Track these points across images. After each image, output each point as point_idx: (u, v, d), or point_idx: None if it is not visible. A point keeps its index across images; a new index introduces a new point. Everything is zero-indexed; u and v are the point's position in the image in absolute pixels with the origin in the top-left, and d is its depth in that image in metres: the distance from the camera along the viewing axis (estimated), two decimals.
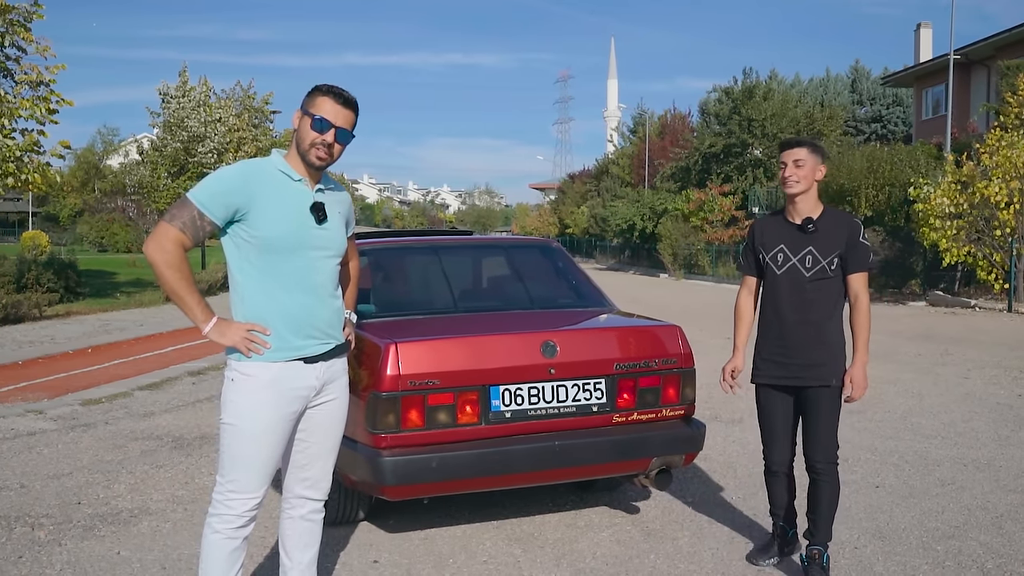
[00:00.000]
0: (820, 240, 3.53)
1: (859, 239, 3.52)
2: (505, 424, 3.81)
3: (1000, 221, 16.78)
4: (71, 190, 53.69)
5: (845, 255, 3.51)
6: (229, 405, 2.79)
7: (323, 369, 2.88)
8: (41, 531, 4.27)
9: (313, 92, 2.83)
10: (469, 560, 3.89)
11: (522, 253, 5.32)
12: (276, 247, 2.76)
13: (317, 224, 2.82)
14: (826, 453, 3.56)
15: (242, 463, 2.78)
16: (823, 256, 3.52)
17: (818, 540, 3.59)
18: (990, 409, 7.15)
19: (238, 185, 2.74)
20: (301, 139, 2.80)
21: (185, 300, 2.73)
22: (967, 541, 4.06)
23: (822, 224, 3.54)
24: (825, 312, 3.55)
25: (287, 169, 2.83)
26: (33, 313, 14.50)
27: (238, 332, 2.74)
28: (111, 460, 5.63)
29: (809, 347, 3.54)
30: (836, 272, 3.53)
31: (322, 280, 2.86)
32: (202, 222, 2.72)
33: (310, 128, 2.78)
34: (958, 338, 12.25)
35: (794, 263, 3.56)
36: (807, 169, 3.52)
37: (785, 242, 3.59)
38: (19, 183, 14.75)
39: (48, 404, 7.42)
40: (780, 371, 3.60)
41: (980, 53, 29.19)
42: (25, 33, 14.53)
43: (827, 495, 3.57)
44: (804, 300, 3.54)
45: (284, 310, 2.78)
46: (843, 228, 3.54)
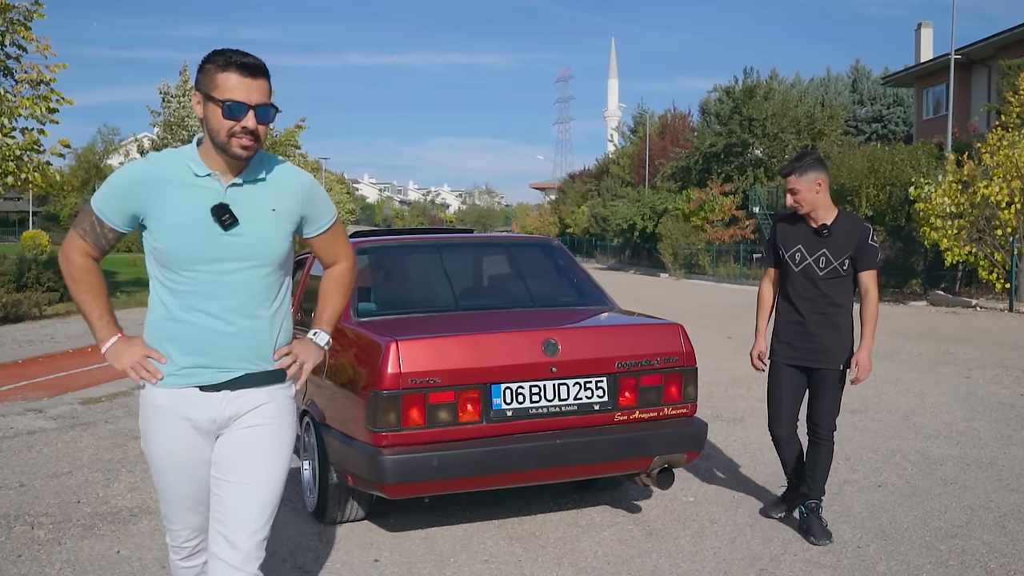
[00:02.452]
0: (833, 243, 3.97)
1: (868, 241, 3.96)
2: (506, 423, 3.80)
3: (1001, 221, 16.76)
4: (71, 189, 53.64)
5: (855, 256, 3.96)
6: (142, 430, 2.46)
7: (230, 399, 2.35)
8: (41, 530, 4.26)
9: (208, 68, 2.25)
10: (470, 559, 3.87)
11: (523, 251, 5.30)
12: (171, 260, 2.28)
13: (224, 230, 2.27)
14: (829, 422, 4.06)
15: (159, 491, 2.49)
16: (835, 258, 3.97)
17: (815, 494, 4.08)
18: (992, 408, 7.14)
19: (129, 189, 2.29)
20: (214, 131, 2.24)
21: (85, 314, 2.39)
22: (970, 540, 4.04)
23: (836, 228, 3.99)
24: (836, 305, 4.01)
25: (194, 163, 2.30)
26: (33, 312, 14.51)
27: (132, 357, 2.34)
28: (111, 459, 5.62)
29: (821, 335, 4.01)
30: (848, 271, 3.99)
31: (237, 299, 2.31)
32: (102, 229, 2.33)
33: (222, 117, 2.22)
34: (959, 338, 12.23)
35: (809, 263, 4.01)
36: (804, 192, 3.95)
37: (802, 243, 4.04)
38: (19, 182, 14.75)
39: (48, 403, 7.42)
40: (794, 352, 4.08)
41: (981, 53, 29.16)
42: (25, 32, 14.53)
43: (824, 457, 4.08)
44: (818, 294, 4.01)
45: (179, 331, 2.31)
46: (854, 232, 3.98)
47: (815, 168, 3.94)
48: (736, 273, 31.59)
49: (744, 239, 33.95)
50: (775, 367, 4.17)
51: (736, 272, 31.67)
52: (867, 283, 3.98)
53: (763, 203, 35.64)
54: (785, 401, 4.14)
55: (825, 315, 4.00)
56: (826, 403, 4.04)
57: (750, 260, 32.26)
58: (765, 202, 35.82)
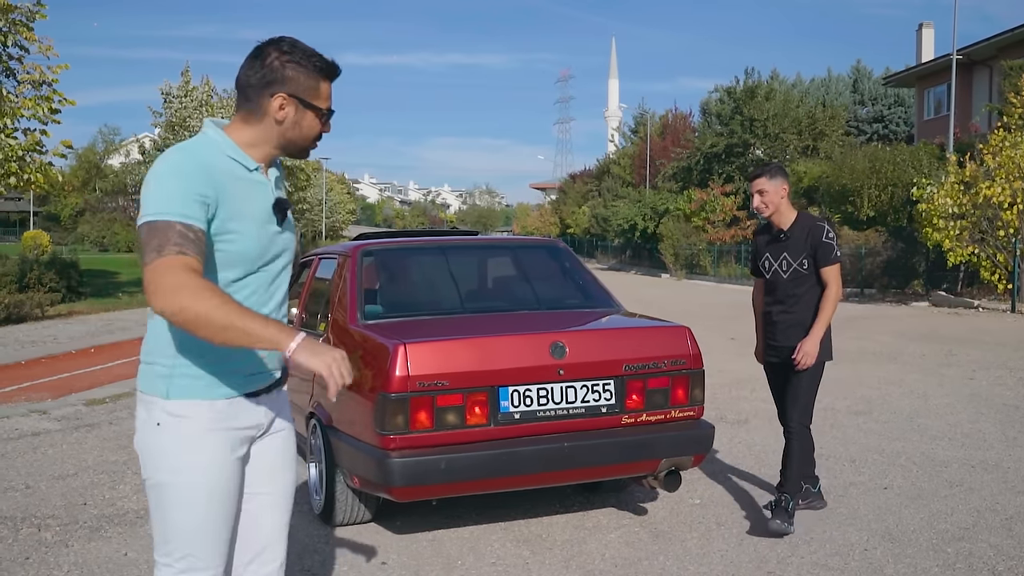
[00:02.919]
0: (791, 245, 4.23)
1: (822, 239, 4.17)
2: (514, 425, 3.80)
3: (1003, 221, 16.76)
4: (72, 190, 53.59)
5: (812, 254, 4.17)
6: (160, 458, 2.06)
7: (270, 403, 2.22)
8: (47, 532, 4.26)
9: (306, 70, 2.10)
10: (477, 561, 3.87)
11: (529, 254, 5.30)
12: (242, 261, 2.08)
13: (279, 227, 2.17)
14: (801, 416, 4.18)
15: (194, 531, 2.07)
16: (794, 259, 4.22)
17: (786, 489, 4.15)
18: (996, 410, 7.13)
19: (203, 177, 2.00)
20: (305, 136, 2.15)
21: (246, 326, 1.90)
22: (977, 543, 4.04)
23: (793, 232, 4.24)
24: (804, 305, 4.22)
25: (240, 156, 2.11)
26: (35, 313, 14.52)
27: (333, 354, 1.95)
28: (116, 460, 5.62)
29: (792, 334, 4.21)
30: (809, 270, 4.20)
31: (280, 296, 2.22)
32: (196, 234, 1.95)
33: (319, 123, 2.16)
34: (962, 339, 12.23)
35: (775, 267, 4.29)
36: (770, 195, 4.23)
37: (769, 250, 4.34)
38: (21, 182, 14.75)
39: (52, 404, 7.42)
40: (774, 353, 4.35)
41: (982, 53, 29.15)
42: (28, 33, 14.54)
43: (794, 450, 4.17)
44: (787, 296, 4.25)
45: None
46: (807, 232, 4.21)
47: (781, 175, 4.26)
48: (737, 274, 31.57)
49: (745, 239, 33.90)
50: (765, 367, 4.50)
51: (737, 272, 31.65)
52: (827, 278, 4.17)
53: None
54: (777, 396, 4.46)
55: (793, 314, 4.22)
56: (799, 397, 4.19)
57: None
58: None
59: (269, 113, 2.11)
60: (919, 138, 31.68)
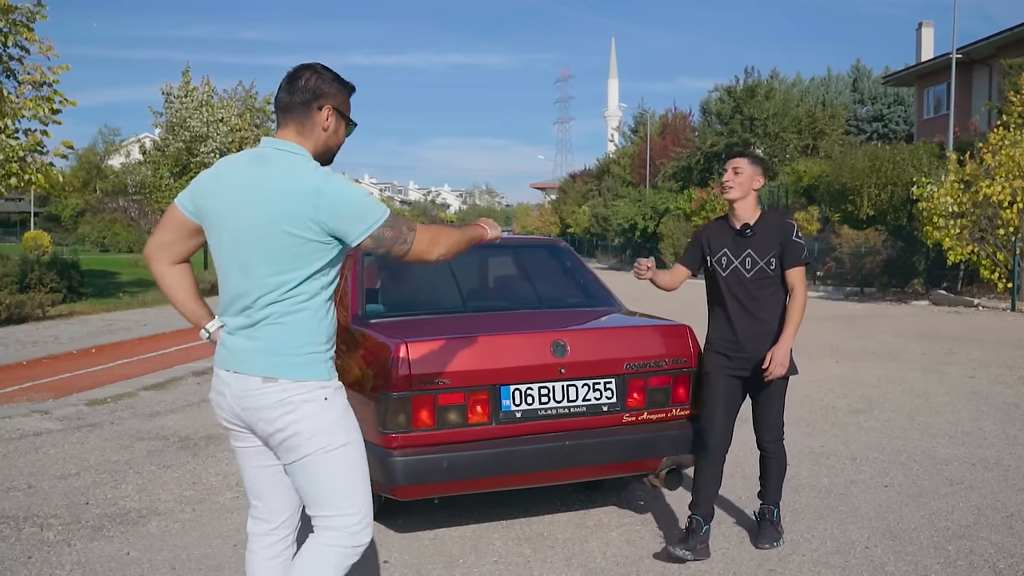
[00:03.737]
0: (757, 243, 3.87)
1: (792, 238, 3.85)
2: (515, 424, 3.81)
3: (1003, 220, 16.76)
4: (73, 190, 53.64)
5: (781, 253, 3.85)
6: (342, 423, 2.47)
7: None
8: (50, 531, 4.26)
9: (342, 87, 2.53)
10: (479, 560, 3.88)
11: (530, 253, 5.30)
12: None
13: None
14: (774, 433, 3.98)
15: (368, 481, 2.55)
16: (760, 258, 3.86)
17: (770, 500, 4.04)
18: (997, 408, 7.14)
19: None
20: (338, 144, 2.56)
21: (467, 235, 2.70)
22: (978, 541, 4.04)
23: (759, 228, 3.88)
24: (768, 308, 3.87)
25: None
26: (36, 313, 14.51)
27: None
28: (118, 460, 5.63)
29: (755, 341, 3.84)
30: (776, 271, 3.87)
31: None
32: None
33: (345, 132, 2.57)
34: (962, 337, 12.23)
35: (736, 265, 3.89)
36: (744, 177, 3.88)
37: (728, 246, 3.93)
38: (22, 183, 14.75)
39: (53, 404, 7.42)
40: (729, 363, 3.90)
41: (982, 52, 29.15)
42: (28, 33, 14.51)
43: (776, 467, 4.02)
44: (748, 298, 3.87)
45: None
46: (777, 230, 3.88)
47: (761, 167, 3.95)
48: None
49: None
50: (710, 378, 3.94)
51: None
52: (794, 280, 3.86)
53: (764, 202, 35.63)
54: (719, 413, 3.89)
55: (758, 319, 3.84)
56: (770, 412, 3.93)
57: None
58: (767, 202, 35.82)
59: (317, 123, 2.49)
60: (919, 137, 31.68)
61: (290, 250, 2.36)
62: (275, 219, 2.35)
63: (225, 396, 2.48)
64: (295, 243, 2.35)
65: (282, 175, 2.39)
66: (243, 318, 2.43)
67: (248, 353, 2.42)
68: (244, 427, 2.51)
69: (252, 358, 2.41)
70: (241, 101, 29.08)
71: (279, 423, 2.41)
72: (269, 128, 30.45)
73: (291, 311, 2.39)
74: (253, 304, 2.40)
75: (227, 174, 2.47)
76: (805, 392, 7.89)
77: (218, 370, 2.50)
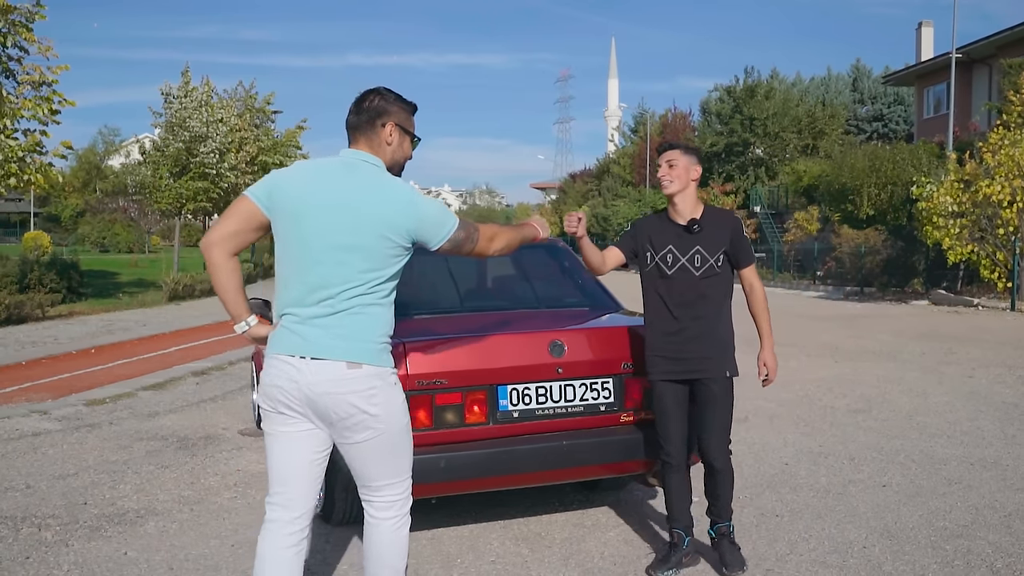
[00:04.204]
0: (705, 239, 3.67)
1: (741, 235, 3.73)
2: (513, 424, 3.81)
3: (1003, 220, 16.77)
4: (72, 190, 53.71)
5: (731, 252, 3.70)
6: (405, 405, 2.84)
7: None
8: (48, 531, 4.27)
9: (405, 107, 2.90)
10: (477, 560, 3.88)
11: (528, 253, 5.28)
12: None
13: None
14: (720, 444, 3.70)
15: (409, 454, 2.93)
16: (710, 254, 3.66)
17: (725, 518, 3.76)
18: (995, 408, 7.14)
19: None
20: (404, 157, 2.91)
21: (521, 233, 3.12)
22: (976, 540, 4.05)
23: (705, 223, 3.69)
24: (715, 308, 3.68)
25: None
26: (36, 313, 14.52)
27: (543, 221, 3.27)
28: (116, 460, 5.63)
29: (701, 342, 3.64)
30: (723, 268, 3.70)
31: None
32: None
33: (410, 148, 2.92)
34: (961, 337, 12.24)
35: (683, 263, 3.67)
36: (679, 169, 3.69)
37: (673, 243, 3.70)
38: (21, 183, 14.76)
39: (52, 404, 7.42)
40: (673, 366, 3.67)
41: (982, 52, 29.16)
42: (27, 33, 14.52)
43: (723, 484, 3.74)
44: (696, 297, 3.66)
45: None
46: (726, 226, 3.71)
47: (696, 156, 3.74)
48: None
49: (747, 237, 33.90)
50: (656, 386, 3.73)
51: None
52: (751, 279, 3.75)
53: (764, 202, 35.66)
54: (673, 423, 3.69)
55: (704, 319, 3.64)
56: (715, 420, 3.65)
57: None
58: (766, 201, 35.84)
59: (382, 139, 2.82)
60: (919, 137, 31.68)
61: (383, 251, 2.69)
62: (374, 223, 2.67)
63: (297, 382, 2.66)
64: (388, 245, 2.69)
65: (374, 184, 2.73)
66: (322, 308, 2.66)
67: (330, 340, 2.65)
68: (304, 412, 2.71)
69: (336, 344, 2.65)
70: (241, 101, 29.07)
71: (362, 404, 2.68)
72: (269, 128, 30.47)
73: (372, 304, 2.71)
74: (337, 295, 2.66)
75: (320, 177, 2.74)
76: (804, 391, 7.90)
77: (285, 358, 2.68)
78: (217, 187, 25.21)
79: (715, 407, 3.66)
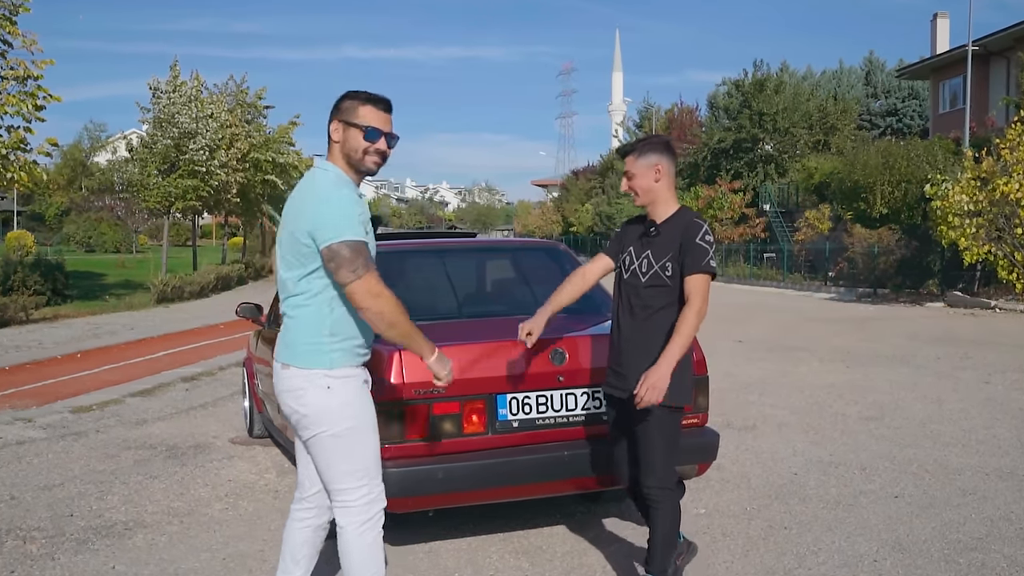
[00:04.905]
0: (657, 244, 3.41)
1: (695, 240, 3.34)
2: (512, 434, 3.83)
3: (1021, 219, 16.79)
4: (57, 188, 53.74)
5: (680, 258, 3.36)
6: (344, 409, 2.90)
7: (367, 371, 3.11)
8: (33, 544, 4.29)
9: (351, 101, 2.92)
10: (476, 574, 3.90)
11: (528, 256, 5.32)
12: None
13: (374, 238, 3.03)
14: (658, 476, 3.36)
15: (375, 458, 2.97)
16: (656, 261, 3.39)
17: (653, 569, 3.42)
18: (1012, 415, 7.16)
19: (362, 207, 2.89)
20: (352, 149, 2.91)
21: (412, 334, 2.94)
22: (990, 554, 4.06)
23: (665, 227, 3.42)
24: (660, 324, 3.36)
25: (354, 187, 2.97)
26: (19, 316, 14.56)
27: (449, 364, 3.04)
28: (103, 470, 5.65)
29: (640, 359, 3.35)
30: (674, 280, 3.37)
31: None
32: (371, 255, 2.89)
33: (362, 139, 2.89)
34: (978, 340, 12.26)
35: (635, 267, 3.46)
36: (640, 179, 3.42)
37: (633, 245, 3.51)
38: (4, 181, 14.80)
39: (37, 412, 7.45)
40: (617, 381, 3.47)
41: (999, 44, 29.18)
42: (11, 27, 14.58)
43: (661, 521, 3.39)
44: (640, 308, 3.42)
45: (363, 324, 2.95)
46: (679, 230, 3.38)
47: (657, 151, 3.41)
48: (746, 273, 31.60)
49: (755, 238, 33.96)
50: (607, 399, 3.58)
51: (746, 272, 31.67)
52: (690, 288, 3.31)
53: (774, 200, 35.67)
54: (617, 442, 3.55)
55: (644, 333, 3.38)
56: (652, 448, 3.35)
57: (760, 260, 32.28)
58: (776, 199, 35.84)
59: (331, 138, 2.94)
60: (934, 132, 31.71)
61: (295, 248, 2.86)
62: (287, 221, 2.91)
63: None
64: (296, 243, 2.85)
65: (301, 185, 2.96)
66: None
67: (279, 343, 2.99)
68: None
69: (279, 347, 2.98)
70: (232, 96, 29.14)
71: (294, 404, 2.92)
72: (260, 124, 30.53)
73: (301, 305, 2.90)
74: (284, 301, 2.97)
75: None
76: (814, 398, 7.91)
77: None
78: (207, 185, 25.25)
79: (645, 434, 3.36)
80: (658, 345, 3.29)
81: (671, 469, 3.42)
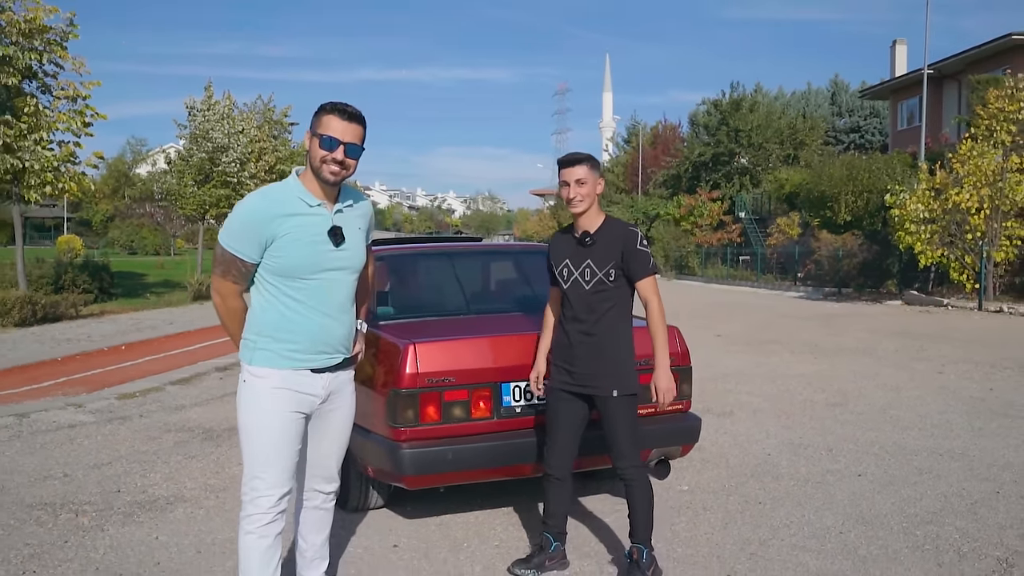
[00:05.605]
0: (597, 252, 3.38)
1: (636, 247, 3.35)
2: (516, 418, 3.84)
3: (971, 226, 16.82)
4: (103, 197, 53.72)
5: (624, 265, 3.35)
6: (244, 405, 2.77)
7: (329, 380, 2.84)
8: (84, 517, 4.30)
9: (319, 112, 2.74)
10: (482, 544, 3.91)
11: (529, 259, 5.32)
12: (295, 271, 2.72)
13: (335, 247, 2.76)
14: (629, 459, 3.40)
15: (262, 459, 2.73)
16: (599, 268, 3.36)
17: (638, 539, 3.45)
18: (963, 402, 7.17)
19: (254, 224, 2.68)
20: (312, 158, 2.72)
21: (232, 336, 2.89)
22: (944, 526, 4.07)
23: (600, 236, 3.40)
24: (607, 324, 3.38)
25: (305, 195, 2.74)
26: (70, 312, 14.54)
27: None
28: (147, 451, 5.66)
29: (590, 358, 3.39)
30: (618, 283, 3.38)
31: (339, 299, 2.82)
32: (245, 267, 2.72)
33: (319, 147, 2.69)
34: (932, 335, 12.26)
35: (576, 277, 3.42)
36: (588, 187, 3.38)
37: (569, 256, 3.46)
38: (56, 191, 14.81)
39: (87, 398, 7.46)
40: (567, 378, 3.46)
41: (952, 68, 29.16)
42: (62, 51, 14.57)
43: (640, 498, 3.42)
44: (587, 312, 3.40)
45: (302, 328, 2.75)
46: (619, 238, 3.37)
47: (598, 167, 3.45)
48: (723, 274, 31.62)
49: (731, 242, 33.97)
50: (551, 393, 3.54)
51: (723, 273, 31.69)
52: (646, 293, 3.36)
53: (748, 208, 35.67)
54: (560, 432, 3.49)
55: (595, 336, 3.38)
56: (618, 436, 3.38)
57: (736, 262, 32.29)
58: (751, 208, 35.84)
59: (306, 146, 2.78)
60: (893, 147, 31.68)
61: None
62: None
63: None
64: None
65: None
66: None
67: None
68: None
69: None
70: (260, 114, 29.11)
71: None
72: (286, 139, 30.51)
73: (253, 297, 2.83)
74: None
75: None
76: (785, 386, 7.92)
77: None
78: (238, 194, 25.21)
79: (613, 423, 3.38)
80: (609, 342, 3.38)
81: (636, 449, 3.46)
